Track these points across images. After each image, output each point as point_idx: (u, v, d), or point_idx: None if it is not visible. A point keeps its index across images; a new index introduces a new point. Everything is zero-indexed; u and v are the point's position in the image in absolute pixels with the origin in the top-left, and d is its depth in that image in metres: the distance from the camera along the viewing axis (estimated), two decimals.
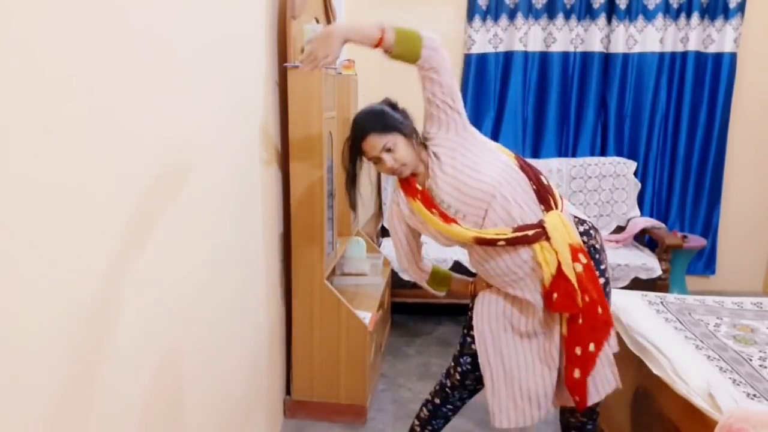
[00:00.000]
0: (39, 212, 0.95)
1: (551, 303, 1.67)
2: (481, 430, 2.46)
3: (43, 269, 0.97)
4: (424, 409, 1.98)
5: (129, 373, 1.25)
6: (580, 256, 1.67)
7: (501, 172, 1.67)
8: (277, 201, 2.36)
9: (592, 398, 1.74)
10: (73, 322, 1.05)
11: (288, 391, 2.57)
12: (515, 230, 1.64)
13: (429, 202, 1.71)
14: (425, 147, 1.74)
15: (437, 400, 1.95)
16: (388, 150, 1.70)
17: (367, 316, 2.53)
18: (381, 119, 1.72)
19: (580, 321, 1.67)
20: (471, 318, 1.84)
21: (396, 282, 3.35)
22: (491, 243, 1.65)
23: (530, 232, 1.64)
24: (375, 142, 1.70)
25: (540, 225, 1.65)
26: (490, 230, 1.65)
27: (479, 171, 1.66)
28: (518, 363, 1.77)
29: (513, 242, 1.64)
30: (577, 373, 1.70)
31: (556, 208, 1.70)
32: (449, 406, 1.94)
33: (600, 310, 1.67)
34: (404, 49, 1.61)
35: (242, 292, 1.98)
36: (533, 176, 1.73)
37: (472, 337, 1.82)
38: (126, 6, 1.19)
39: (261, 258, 2.17)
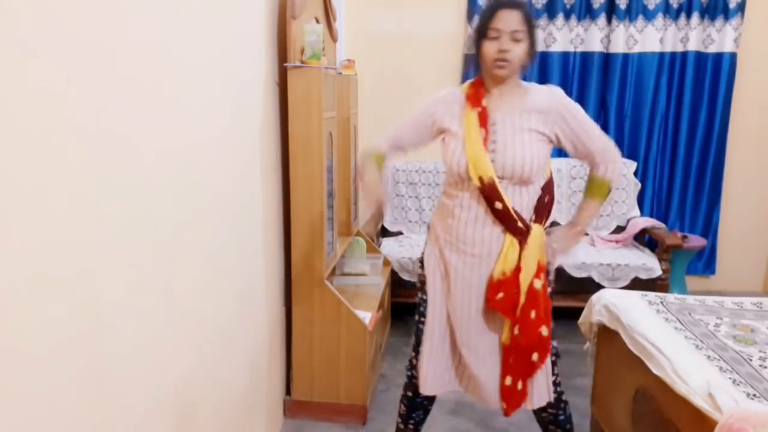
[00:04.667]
0: (42, 216, 0.95)
1: (493, 298, 1.70)
2: (481, 430, 2.46)
3: (46, 271, 0.97)
4: (402, 405, 2.02)
5: (129, 373, 1.25)
6: (542, 275, 1.73)
7: (537, 172, 1.71)
8: (277, 201, 2.36)
9: (527, 405, 1.80)
10: (74, 323, 1.05)
11: (288, 391, 2.57)
12: (514, 210, 1.69)
13: (484, 121, 1.69)
14: (526, 96, 1.71)
15: (410, 393, 1.97)
16: (516, 40, 1.63)
17: (367, 316, 2.53)
18: (527, 8, 1.67)
19: (517, 332, 1.72)
20: (417, 303, 1.87)
21: (396, 282, 3.35)
22: (493, 197, 1.67)
23: (519, 223, 1.69)
24: (512, 19, 1.62)
25: (527, 226, 1.71)
26: (502, 189, 1.67)
27: (536, 164, 1.68)
28: (462, 337, 1.80)
29: (503, 217, 1.68)
30: (509, 380, 1.76)
31: (542, 225, 1.76)
32: (422, 396, 1.95)
33: (545, 331, 1.73)
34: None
35: (242, 292, 1.98)
36: (548, 192, 1.77)
37: (422, 322, 1.85)
38: (125, 5, 1.19)
39: (261, 258, 2.17)
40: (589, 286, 3.20)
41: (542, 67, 3.84)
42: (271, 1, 2.21)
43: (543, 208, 1.75)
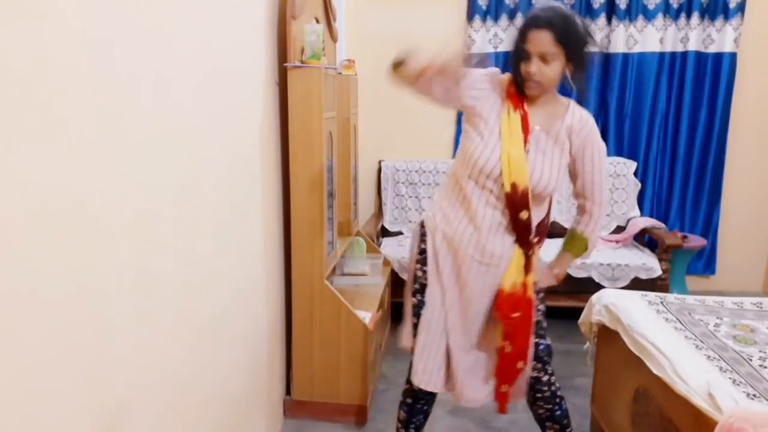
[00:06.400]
0: (40, 210, 0.95)
1: (509, 315, 1.71)
2: (481, 430, 2.46)
3: (42, 266, 0.97)
4: (401, 411, 2.00)
5: (128, 372, 1.25)
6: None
7: (551, 192, 1.72)
8: (277, 201, 2.36)
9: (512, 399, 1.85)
10: (74, 323, 1.05)
11: (288, 391, 2.57)
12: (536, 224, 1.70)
13: (526, 124, 1.64)
14: (577, 99, 1.70)
15: (409, 400, 1.97)
16: (544, 60, 1.56)
17: (367, 316, 2.53)
18: (568, 33, 1.55)
19: (507, 346, 1.74)
20: (414, 306, 1.86)
21: (396, 282, 3.35)
22: (521, 204, 1.64)
23: (531, 236, 1.69)
24: (542, 41, 1.54)
25: (532, 247, 1.73)
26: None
27: (557, 184, 1.69)
28: (460, 331, 1.80)
29: (524, 225, 1.67)
30: (504, 388, 1.81)
31: (539, 244, 1.78)
32: (422, 402, 1.96)
33: (520, 364, 1.77)
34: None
35: (242, 292, 1.98)
36: (548, 213, 1.79)
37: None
38: (125, 5, 1.19)
39: (261, 258, 2.17)
40: (589, 286, 3.21)
41: None
42: (271, 1, 2.21)
43: (543, 227, 1.77)
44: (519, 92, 1.67)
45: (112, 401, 1.18)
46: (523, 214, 1.65)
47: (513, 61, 1.64)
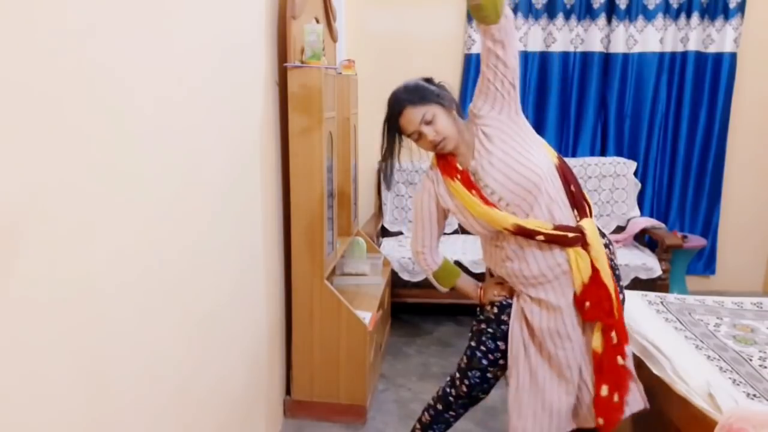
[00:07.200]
0: (42, 209, 0.95)
1: (584, 311, 1.64)
2: (481, 430, 2.46)
3: (41, 266, 0.97)
4: (426, 414, 1.97)
5: (128, 372, 1.25)
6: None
7: (547, 168, 1.63)
8: (277, 201, 2.36)
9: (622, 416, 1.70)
10: (70, 320, 1.05)
11: (288, 391, 2.57)
12: (556, 228, 1.61)
13: (469, 183, 1.65)
14: (473, 126, 1.66)
15: (439, 407, 1.92)
16: (428, 122, 1.63)
17: (367, 316, 2.53)
18: (417, 91, 1.66)
19: (614, 336, 1.64)
20: (480, 331, 1.80)
21: (396, 282, 3.35)
22: (530, 235, 1.60)
23: (570, 234, 1.62)
24: (412, 116, 1.64)
25: (579, 230, 1.63)
26: (531, 221, 1.61)
27: (530, 160, 1.60)
28: (545, 375, 1.71)
29: (552, 239, 1.60)
30: (605, 391, 1.66)
31: (590, 215, 1.68)
32: (452, 413, 1.92)
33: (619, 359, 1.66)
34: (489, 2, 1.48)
35: (242, 292, 1.98)
36: (571, 179, 1.69)
37: (483, 352, 1.79)
38: (126, 5, 1.19)
39: (261, 258, 2.17)
40: None
41: (542, 67, 3.84)
42: (271, 1, 2.21)
43: (576, 198, 1.68)
44: (446, 156, 1.71)
45: (111, 401, 1.18)
46: (539, 237, 1.60)
47: (393, 156, 1.74)
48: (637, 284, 3.33)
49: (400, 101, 1.66)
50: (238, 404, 1.96)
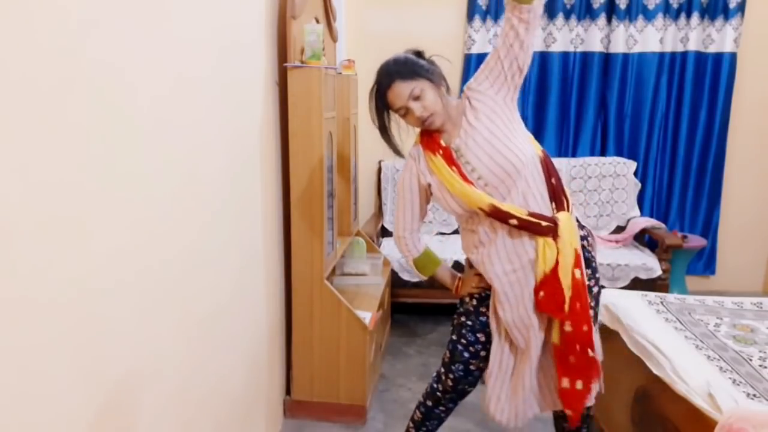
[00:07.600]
0: (41, 209, 0.95)
1: (538, 301, 1.67)
2: (480, 430, 2.46)
3: (41, 266, 0.97)
4: (417, 411, 1.99)
5: (128, 372, 1.25)
6: (581, 264, 1.68)
7: (531, 156, 1.64)
8: (276, 201, 2.36)
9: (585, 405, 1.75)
10: (69, 320, 1.05)
11: (288, 391, 2.57)
12: (530, 215, 1.62)
13: (450, 159, 1.65)
14: (464, 100, 1.66)
15: (429, 403, 1.95)
16: (416, 98, 1.62)
17: (367, 316, 2.53)
18: (406, 65, 1.65)
19: (568, 327, 1.67)
20: (460, 324, 1.83)
21: (396, 282, 3.35)
22: (504, 218, 1.61)
23: (543, 223, 1.63)
24: (401, 90, 1.62)
25: (553, 220, 1.64)
26: (507, 204, 1.62)
27: (515, 144, 1.61)
28: (510, 362, 1.77)
29: (524, 225, 1.62)
30: (565, 383, 1.71)
31: (567, 210, 1.70)
32: (441, 408, 1.95)
33: (584, 327, 1.68)
34: None
35: (242, 292, 1.98)
36: (553, 172, 1.70)
37: (463, 345, 1.82)
38: (126, 5, 1.19)
39: (261, 257, 2.17)
40: None
41: (542, 67, 3.84)
42: (271, 1, 2.21)
43: (556, 191, 1.69)
44: (430, 133, 1.71)
45: (111, 401, 1.18)
46: (512, 221, 1.62)
47: (385, 129, 1.73)
48: (637, 284, 3.33)
49: (390, 74, 1.65)
50: (238, 404, 1.96)
